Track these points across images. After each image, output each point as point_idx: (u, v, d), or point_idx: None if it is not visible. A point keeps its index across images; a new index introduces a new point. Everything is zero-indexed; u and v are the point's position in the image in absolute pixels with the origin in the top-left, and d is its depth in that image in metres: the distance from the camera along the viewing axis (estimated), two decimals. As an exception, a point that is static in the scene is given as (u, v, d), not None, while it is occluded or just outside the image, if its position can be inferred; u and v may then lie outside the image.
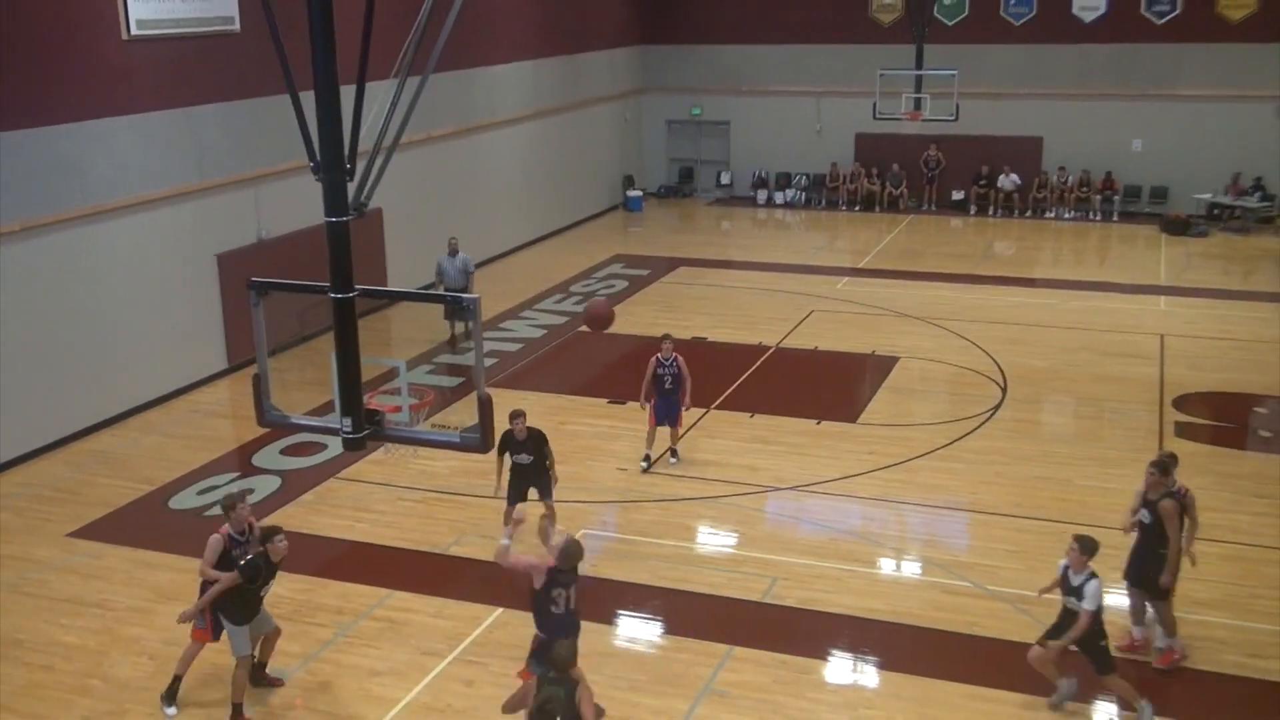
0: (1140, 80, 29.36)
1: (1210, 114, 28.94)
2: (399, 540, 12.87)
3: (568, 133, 29.30)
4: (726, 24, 32.45)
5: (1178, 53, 28.96)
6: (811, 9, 31.62)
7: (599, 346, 19.76)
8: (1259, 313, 21.42)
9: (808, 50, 31.91)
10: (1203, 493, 13.60)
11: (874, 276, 24.38)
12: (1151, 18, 29.09)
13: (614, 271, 25.17)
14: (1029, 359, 18.81)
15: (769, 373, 18.47)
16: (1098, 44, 29.54)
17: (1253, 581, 11.73)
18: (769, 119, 32.73)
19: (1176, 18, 28.89)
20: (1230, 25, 28.52)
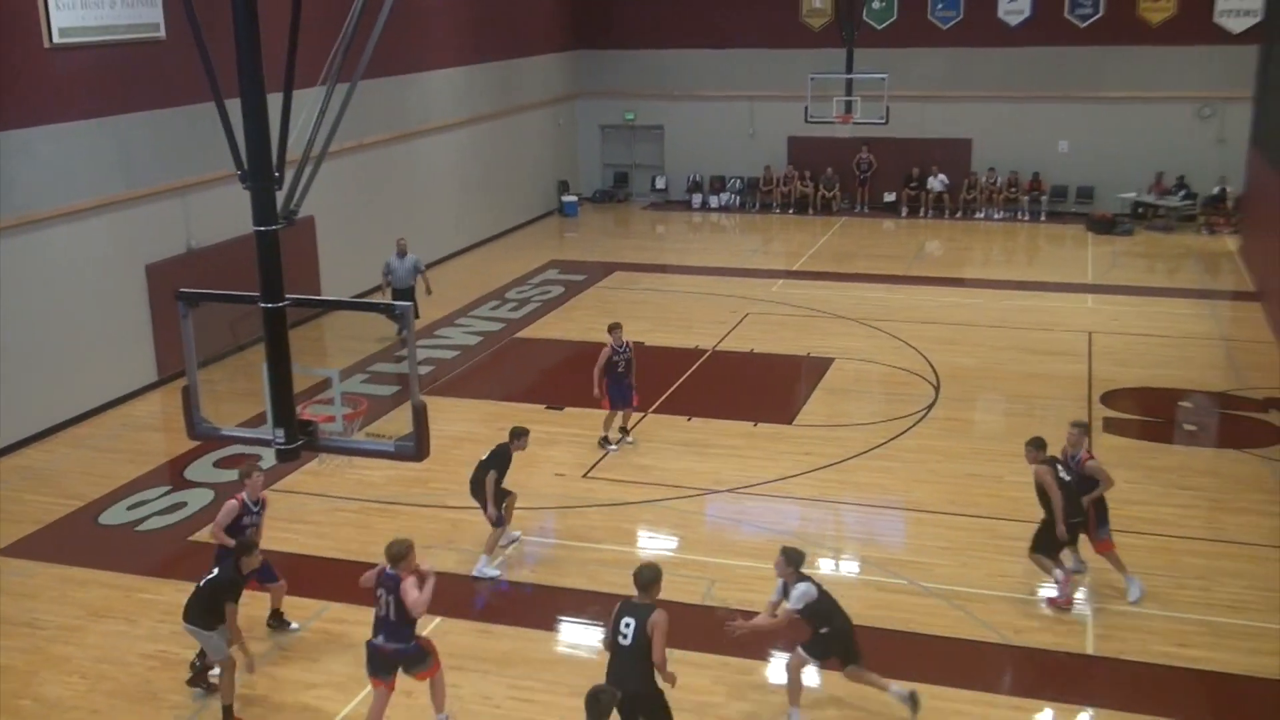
0: (1065, 82, 29.88)
1: (1133, 115, 29.50)
2: (336, 551, 12.76)
3: (502, 138, 29.24)
4: (659, 29, 32.55)
5: (1100, 55, 29.51)
6: (743, 14, 31.83)
7: (535, 353, 19.72)
8: (1183, 309, 21.86)
9: (740, 55, 32.11)
10: (1130, 486, 13.92)
11: (808, 279, 24.56)
12: (1075, 21, 29.62)
13: (549, 277, 25.13)
14: (960, 358, 19.04)
15: (706, 376, 18.54)
16: (1023, 47, 29.99)
17: (1178, 572, 11.97)
18: (703, 123, 32.87)
19: (1099, 21, 29.45)
20: (1150, 28, 29.11)
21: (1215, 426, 16.37)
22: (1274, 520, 13.10)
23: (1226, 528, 12.97)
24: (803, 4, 31.60)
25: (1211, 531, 12.89)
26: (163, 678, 10.41)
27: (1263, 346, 19.37)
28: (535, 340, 20.62)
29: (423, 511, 13.62)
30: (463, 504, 13.58)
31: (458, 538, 12.96)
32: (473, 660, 10.60)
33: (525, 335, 20.95)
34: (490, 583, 11.96)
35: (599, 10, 33.04)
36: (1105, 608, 11.32)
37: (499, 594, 11.95)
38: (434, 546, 12.72)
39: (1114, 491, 11.84)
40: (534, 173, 31.40)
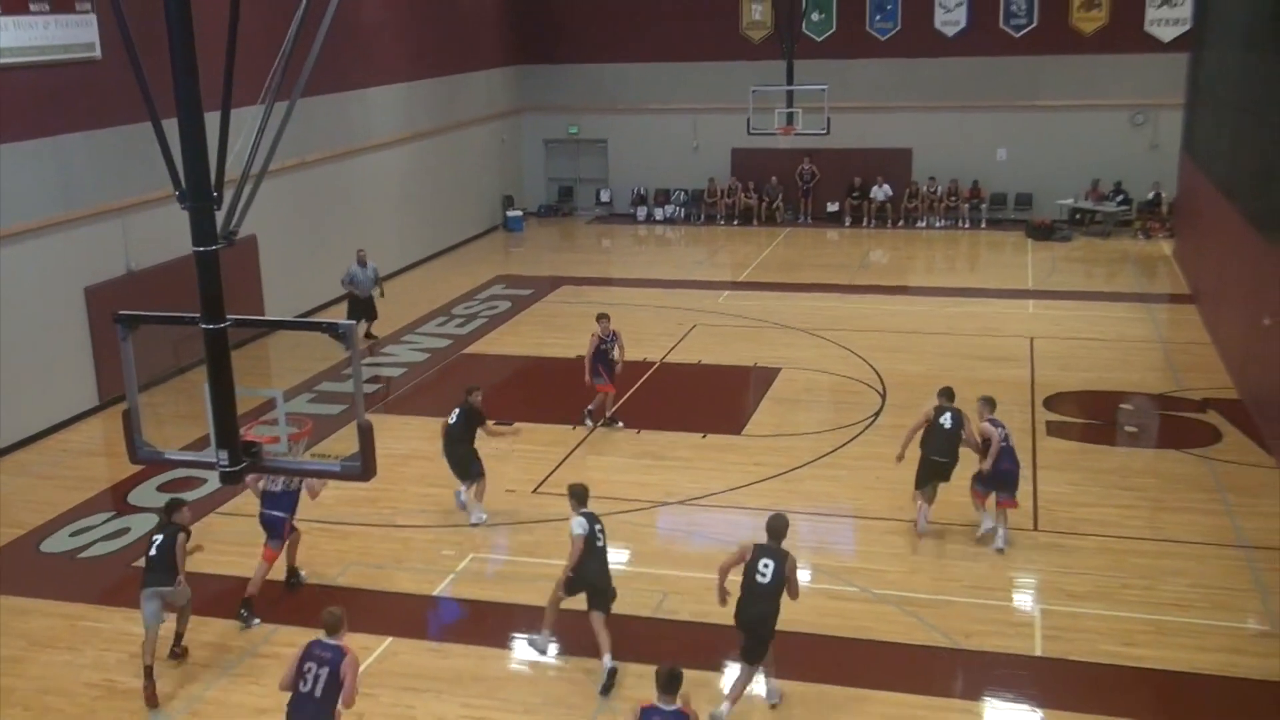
0: (1002, 92, 30.25)
1: (1069, 123, 29.93)
2: (283, 574, 12.59)
3: (446, 154, 29.13)
4: (602, 43, 32.61)
5: (1036, 65, 29.92)
6: (684, 28, 31.97)
7: (482, 369, 19.64)
8: (1122, 313, 22.17)
9: (682, 68, 32.23)
10: (1072, 488, 14.10)
11: (754, 289, 24.66)
12: (1010, 31, 30.03)
13: (496, 292, 25.05)
14: (906, 365, 19.19)
15: (654, 388, 18.54)
16: (961, 57, 30.36)
17: (1122, 572, 12.11)
18: (646, 136, 32.96)
19: (1033, 31, 29.87)
20: (1084, 38, 29.57)
21: (1155, 428, 16.60)
22: (1214, 519, 13.30)
23: (1168, 527, 13.15)
24: (742, 17, 31.84)
25: (1154, 531, 13.06)
26: (108, 707, 10.22)
27: (1199, 348, 19.68)
28: (483, 356, 20.53)
29: (372, 531, 13.49)
30: (412, 523, 13.49)
31: (408, 556, 12.85)
32: (425, 680, 10.50)
33: (473, 351, 20.86)
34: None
35: (542, 25, 33.05)
36: (1052, 609, 11.44)
37: (452, 613, 11.86)
38: (385, 566, 12.61)
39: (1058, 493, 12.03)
40: (479, 188, 31.32)
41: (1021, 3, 29.87)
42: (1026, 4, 29.84)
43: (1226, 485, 14.16)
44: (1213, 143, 21.93)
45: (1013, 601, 11.74)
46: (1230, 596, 11.56)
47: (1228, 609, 11.33)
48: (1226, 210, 19.24)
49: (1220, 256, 20.10)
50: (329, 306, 23.63)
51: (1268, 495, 13.85)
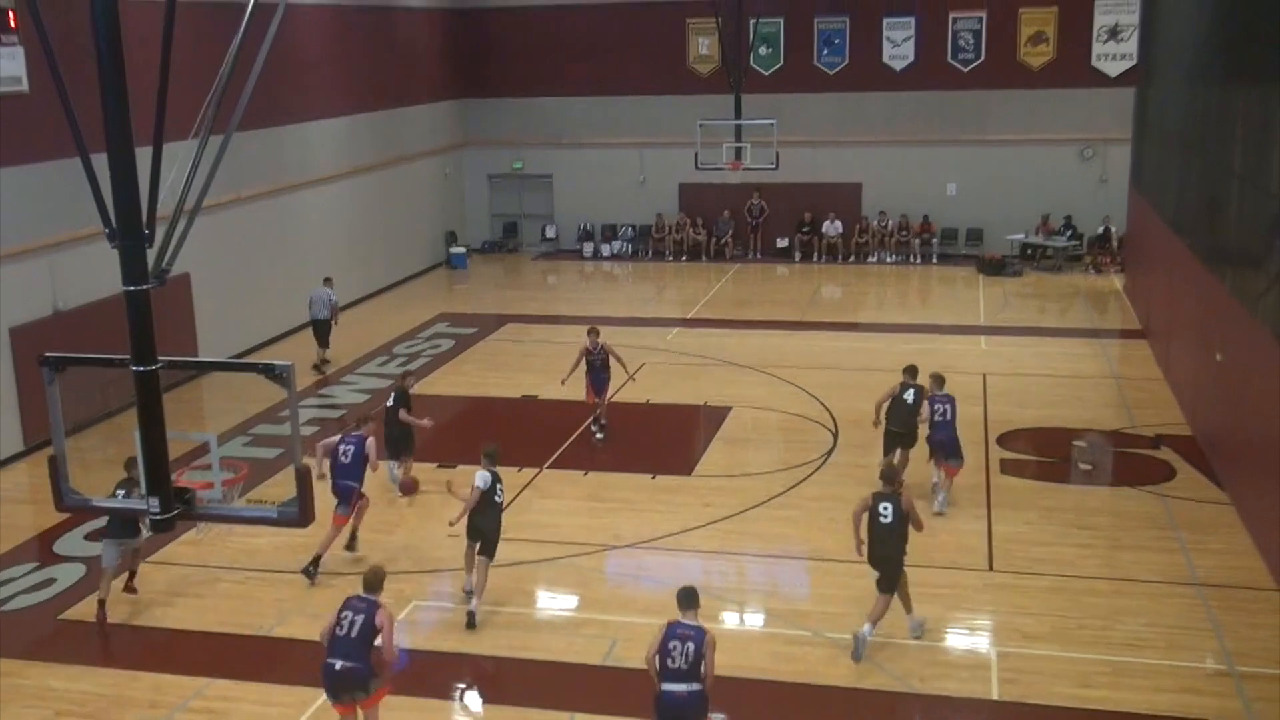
0: (951, 126, 30.72)
1: (1018, 157, 30.43)
2: (217, 625, 12.40)
3: (387, 189, 29.07)
4: (546, 77, 32.76)
5: (984, 99, 30.44)
6: (630, 61, 32.21)
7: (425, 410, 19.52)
8: (1075, 348, 22.47)
9: (628, 102, 32.44)
10: (1028, 527, 14.22)
11: (704, 326, 24.74)
12: (958, 66, 30.53)
13: (439, 331, 24.95)
14: (858, 403, 19.25)
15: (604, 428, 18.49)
16: (909, 92, 30.80)
17: (1078, 612, 12.20)
18: (592, 171, 33.09)
19: (981, 66, 30.40)
20: (1032, 73, 30.12)
21: (1110, 465, 16.79)
22: (1169, 556, 13.46)
23: (1124, 566, 13.28)
24: (689, 50, 32.11)
25: (1110, 570, 13.19)
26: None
27: (1152, 384, 19.97)
28: (426, 396, 20.38)
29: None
30: (354, 569, 13.33)
31: (348, 605, 12.67)
32: (366, 733, 10.33)
33: (415, 391, 20.60)
34: None
35: (485, 58, 33.15)
36: (1009, 650, 11.49)
37: (394, 664, 11.70)
38: (324, 615, 12.42)
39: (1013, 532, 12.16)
40: (421, 224, 31.25)
41: (969, 38, 30.40)
42: (974, 39, 30.38)
43: (1181, 522, 14.34)
44: (1160, 177, 22.38)
45: (969, 644, 11.79)
46: (1186, 636, 11.69)
47: (1184, 648, 11.45)
48: (1175, 245, 19.59)
49: (1170, 291, 20.46)
50: (265, 346, 23.43)
51: (1221, 532, 14.05)
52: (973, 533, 14.14)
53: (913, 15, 30.61)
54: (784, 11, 31.13)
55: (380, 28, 28.80)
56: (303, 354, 22.25)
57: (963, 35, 30.43)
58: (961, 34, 30.43)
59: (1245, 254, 14.72)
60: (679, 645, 9.00)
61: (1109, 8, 29.50)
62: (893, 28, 30.79)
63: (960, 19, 30.37)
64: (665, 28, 32.01)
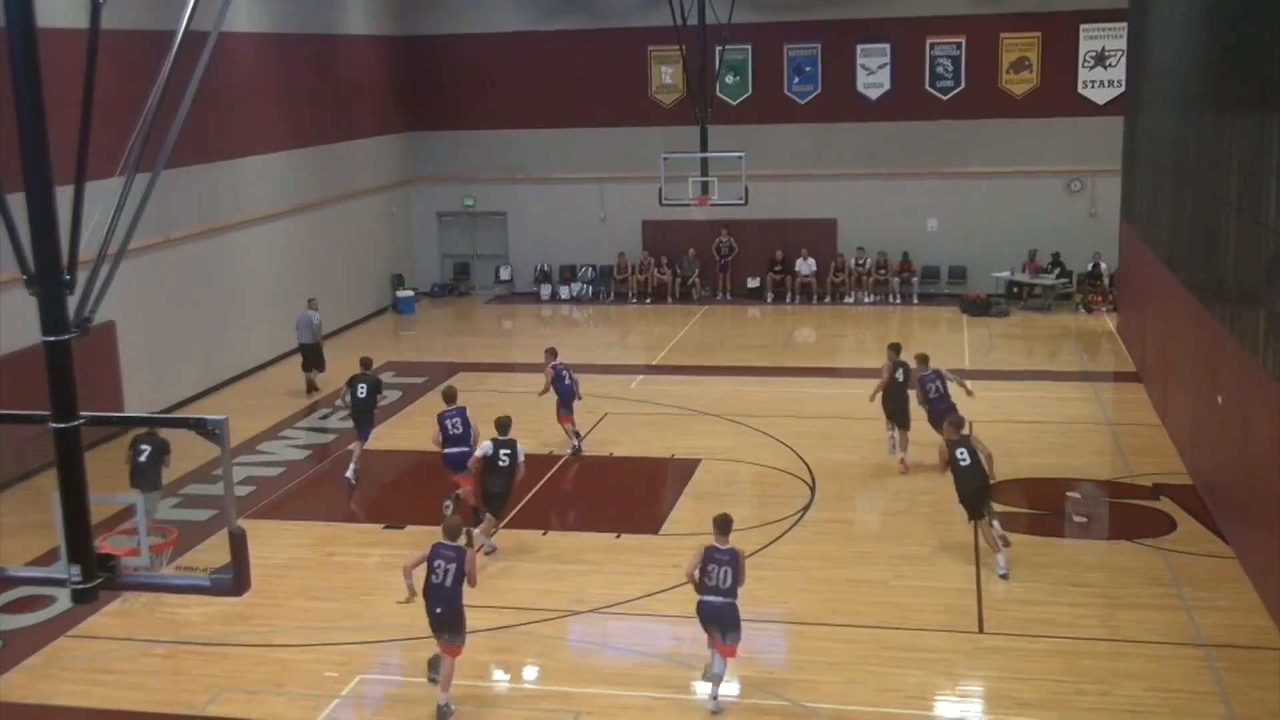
0: (931, 158, 31.08)
1: (1002, 190, 30.80)
2: (145, 703, 12.22)
3: (328, 229, 29.03)
4: (499, 108, 32.92)
5: (965, 129, 30.84)
6: (588, 91, 32.43)
7: (372, 466, 19.43)
8: (1066, 393, 22.65)
9: (587, 134, 32.64)
10: (1020, 586, 14.27)
11: (670, 373, 24.78)
12: (936, 94, 30.93)
13: (385, 381, 24.81)
14: (836, 454, 19.35)
15: (562, 484, 18.46)
16: (885, 121, 31.18)
17: (1076, 676, 12.22)
18: (549, 208, 33.21)
19: (961, 94, 30.81)
20: (1015, 101, 30.57)
21: (1105, 517, 16.90)
22: (1172, 614, 13.51)
23: (1123, 625, 13.33)
24: (651, 79, 32.39)
25: (1108, 630, 13.23)
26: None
27: (1148, 429, 20.14)
28: (371, 452, 20.29)
29: (247, 652, 13.15)
30: (291, 641, 13.20)
31: (287, 680, 12.54)
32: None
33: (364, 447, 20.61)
34: None
35: (433, 88, 33.29)
36: (1002, 717, 11.48)
37: (336, 742, 11.58)
38: (260, 691, 12.28)
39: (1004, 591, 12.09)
40: (365, 266, 31.21)
41: (948, 64, 30.83)
42: (953, 66, 30.80)
43: (1183, 578, 14.41)
44: (1152, 210, 22.66)
45: (959, 712, 11.77)
46: (1191, 700, 11.71)
47: (1190, 714, 11.47)
48: (1169, 281, 19.83)
49: (1165, 331, 20.69)
50: (198, 400, 23.27)
51: (1225, 588, 14.13)
52: (961, 592, 14.16)
53: (888, 41, 31.04)
54: (752, 38, 31.45)
55: (320, 56, 28.90)
56: (237, 404, 22.13)
57: (941, 62, 30.86)
58: (940, 60, 30.86)
59: (1243, 290, 14.91)
60: (716, 568, 11.73)
61: (1095, 33, 30.01)
62: (867, 54, 31.19)
63: (938, 44, 30.81)
64: (626, 56, 32.29)
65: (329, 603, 14.31)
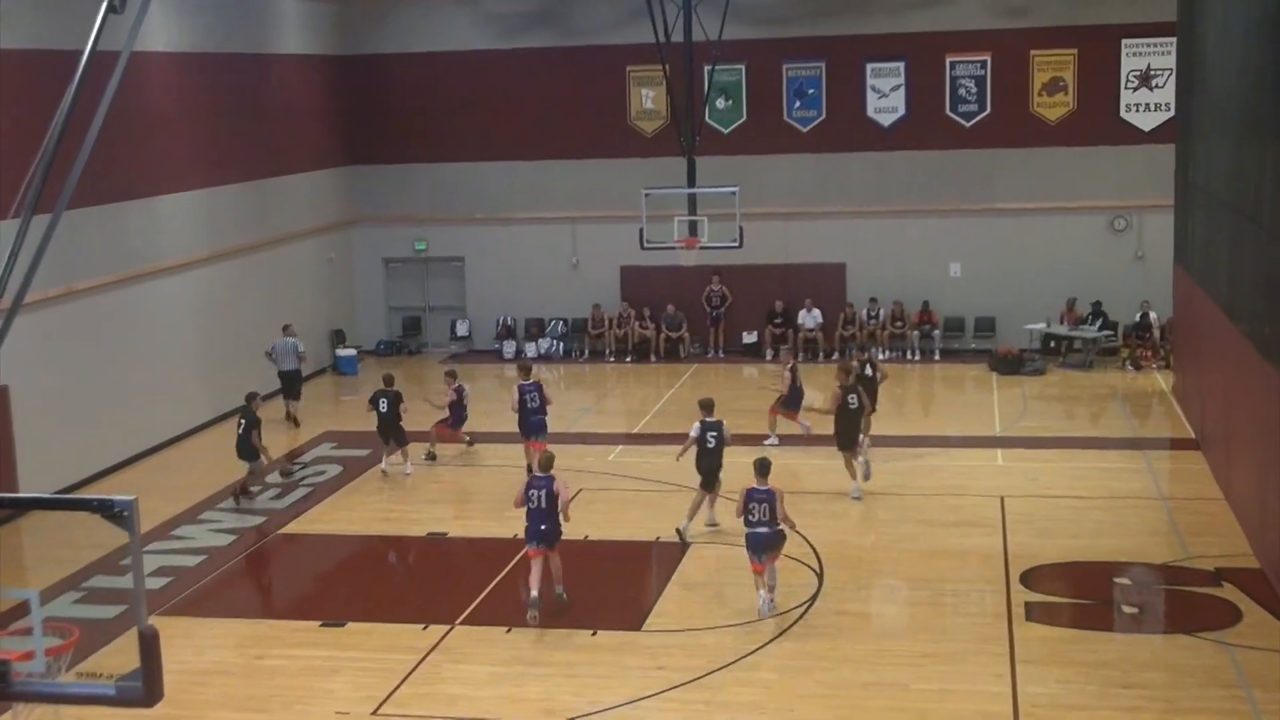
0: (952, 194, 31.27)
1: (1035, 230, 31.00)
2: None
3: (257, 278, 29.02)
4: (454, 138, 33.09)
5: (993, 160, 31.08)
6: (558, 117, 32.61)
7: (307, 553, 19.32)
8: (1113, 463, 22.66)
9: (556, 167, 32.80)
10: (1061, 688, 14.21)
11: (653, 443, 24.72)
12: (959, 120, 31.18)
13: (323, 454, 24.80)
14: (848, 535, 19.32)
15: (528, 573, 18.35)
16: (901, 151, 31.41)
17: (1131, 794, 12.16)
18: (513, 253, 33.28)
19: (987, 120, 31.06)
20: (1049, 127, 30.83)
21: (1160, 607, 16.88)
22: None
23: (1183, 733, 13.28)
24: (631, 104, 32.60)
25: (1165, 739, 13.18)
26: None
27: (1209, 505, 20.15)
28: (306, 536, 20.23)
29: (158, 773, 13.01)
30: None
31: (206, 806, 12.40)
32: None
33: (293, 530, 20.53)
34: None
35: (379, 116, 33.42)
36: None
37: None
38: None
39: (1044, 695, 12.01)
40: (300, 321, 31.06)
41: (971, 86, 31.10)
42: (977, 88, 31.08)
43: (1251, 678, 14.37)
44: (1209, 252, 22.73)
45: (993, 837, 11.69)
46: (1262, 820, 11.67)
47: (1260, 836, 11.42)
48: (1231, 334, 19.88)
49: (1227, 391, 20.72)
50: (104, 477, 23.15)
51: (1301, 688, 14.10)
52: (995, 696, 14.10)
53: (902, 59, 31.32)
54: (746, 56, 31.72)
55: (248, 79, 29.05)
56: (151, 482, 22.01)
57: (963, 83, 31.15)
58: (962, 81, 31.16)
59: (1314, 344, 14.94)
60: (757, 506, 16.02)
61: (1139, 49, 30.33)
62: (879, 74, 31.49)
63: (960, 63, 31.11)
64: (601, 77, 32.54)
65: (256, 714, 14.18)
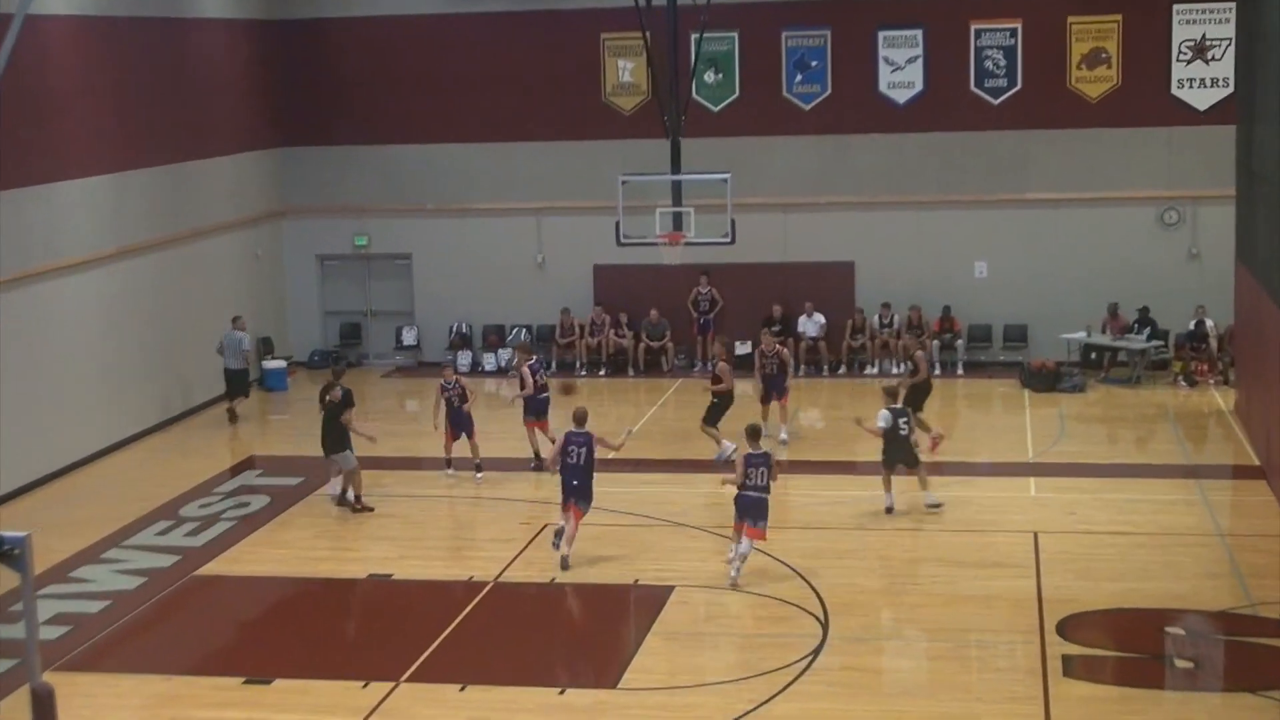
0: (977, 182, 31.28)
1: (1074, 224, 31.02)
2: None
3: (171, 278, 28.89)
4: (402, 117, 32.99)
5: (1025, 143, 31.11)
6: (522, 93, 32.53)
7: (228, 599, 19.23)
8: (1163, 493, 22.63)
9: (519, 151, 32.74)
10: (1108, 755, 14.14)
11: (632, 470, 24.65)
12: (985, 97, 31.18)
13: (247, 483, 24.69)
14: (857, 578, 19.27)
15: (486, 622, 18.30)
16: (918, 133, 31.42)
17: None
18: (469, 249, 33.22)
19: (1018, 97, 31.06)
20: (1089, 105, 30.84)
21: (1219, 661, 16.86)
22: (1310, 792, 13.49)
23: (1246, 807, 13.28)
24: (606, 78, 32.53)
25: (1226, 814, 13.18)
26: None
27: (1275, 542, 20.13)
28: (228, 579, 20.13)
29: None
30: None
31: None
32: None
33: (211, 572, 20.40)
34: None
35: (315, 90, 33.32)
36: None
37: None
38: None
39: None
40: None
41: (999, 57, 31.08)
42: (1006, 60, 31.06)
43: (1323, 742, 14.40)
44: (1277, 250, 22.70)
45: None
46: None
47: None
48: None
49: (1297, 411, 20.73)
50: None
51: (1381, 755, 14.12)
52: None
53: (920, 27, 31.35)
54: (739, 22, 31.75)
55: (162, 47, 28.94)
56: (48, 516, 21.88)
57: (990, 54, 31.17)
58: (989, 52, 31.18)
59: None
60: (755, 470, 18.69)
61: (1193, 15, 30.36)
62: (892, 44, 31.51)
63: (986, 31, 31.15)
64: (572, 46, 32.53)
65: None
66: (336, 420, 22.61)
